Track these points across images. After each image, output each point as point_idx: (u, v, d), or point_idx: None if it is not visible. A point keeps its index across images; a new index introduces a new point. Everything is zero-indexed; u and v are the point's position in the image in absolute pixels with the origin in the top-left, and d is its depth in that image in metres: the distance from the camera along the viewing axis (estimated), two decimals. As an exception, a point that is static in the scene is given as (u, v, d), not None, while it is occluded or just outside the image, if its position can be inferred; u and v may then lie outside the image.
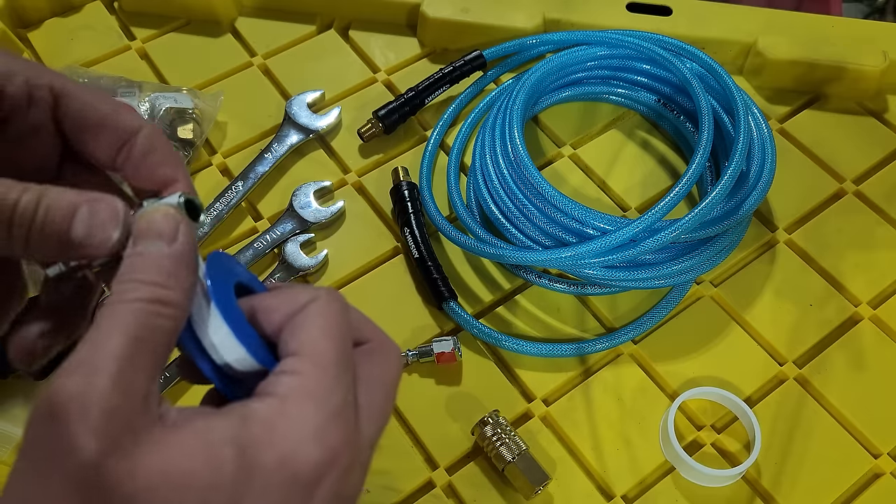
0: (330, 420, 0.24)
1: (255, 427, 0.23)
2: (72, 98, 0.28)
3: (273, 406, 0.24)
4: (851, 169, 0.57)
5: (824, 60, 0.59)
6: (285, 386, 0.24)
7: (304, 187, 0.55)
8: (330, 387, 0.24)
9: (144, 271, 0.24)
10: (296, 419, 0.23)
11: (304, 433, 0.23)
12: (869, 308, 0.51)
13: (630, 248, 0.46)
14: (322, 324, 0.26)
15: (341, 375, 0.25)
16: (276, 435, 0.23)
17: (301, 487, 0.23)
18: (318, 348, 0.25)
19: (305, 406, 0.24)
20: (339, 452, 0.24)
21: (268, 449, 0.23)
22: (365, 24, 0.65)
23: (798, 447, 0.46)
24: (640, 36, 0.57)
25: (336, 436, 0.24)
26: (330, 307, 0.26)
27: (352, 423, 0.25)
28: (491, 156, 0.52)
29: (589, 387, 0.48)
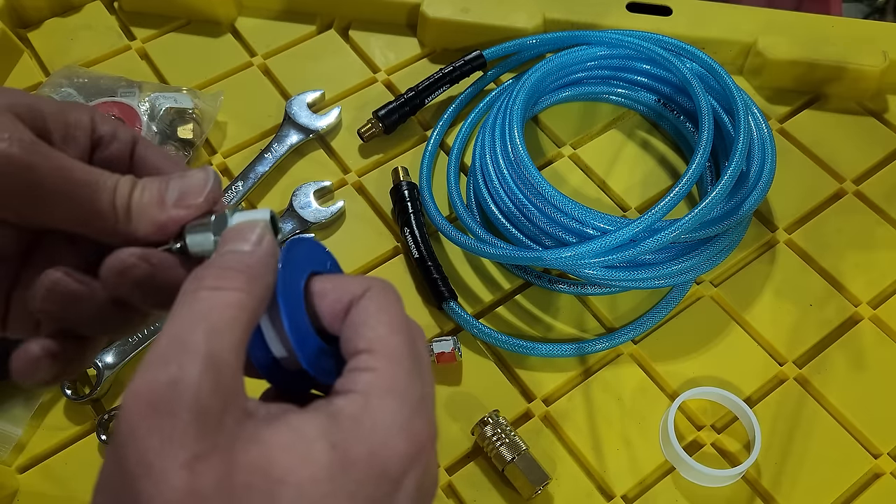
0: (413, 413, 0.25)
1: (343, 423, 0.24)
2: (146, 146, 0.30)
3: (357, 402, 0.24)
4: (851, 169, 0.57)
5: (824, 60, 0.59)
6: (364, 382, 0.25)
7: (304, 187, 0.55)
8: (407, 381, 0.25)
9: (227, 264, 0.25)
10: (382, 414, 0.24)
11: (392, 427, 0.24)
12: (869, 308, 0.51)
13: (630, 248, 0.46)
14: (387, 319, 0.26)
15: (414, 368, 0.26)
16: (365, 430, 0.24)
17: (390, 479, 0.24)
18: (389, 343, 0.25)
19: (389, 401, 0.24)
20: (423, 445, 0.25)
21: (358, 444, 0.23)
22: (365, 24, 0.65)
23: (798, 447, 0.46)
24: (640, 36, 0.57)
25: (420, 428, 0.25)
26: (388, 299, 0.27)
27: (429, 415, 0.26)
28: (491, 156, 0.52)
29: (589, 387, 0.48)
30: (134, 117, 0.55)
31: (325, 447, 0.23)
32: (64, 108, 0.28)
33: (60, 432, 0.47)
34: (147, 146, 0.30)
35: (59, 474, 0.45)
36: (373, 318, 0.26)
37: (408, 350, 0.26)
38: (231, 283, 0.24)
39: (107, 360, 0.48)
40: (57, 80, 0.58)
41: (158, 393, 0.22)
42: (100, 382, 0.47)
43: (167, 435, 0.21)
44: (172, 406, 0.21)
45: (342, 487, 0.23)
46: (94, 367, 0.47)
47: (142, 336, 0.49)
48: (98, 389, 0.47)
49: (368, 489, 0.23)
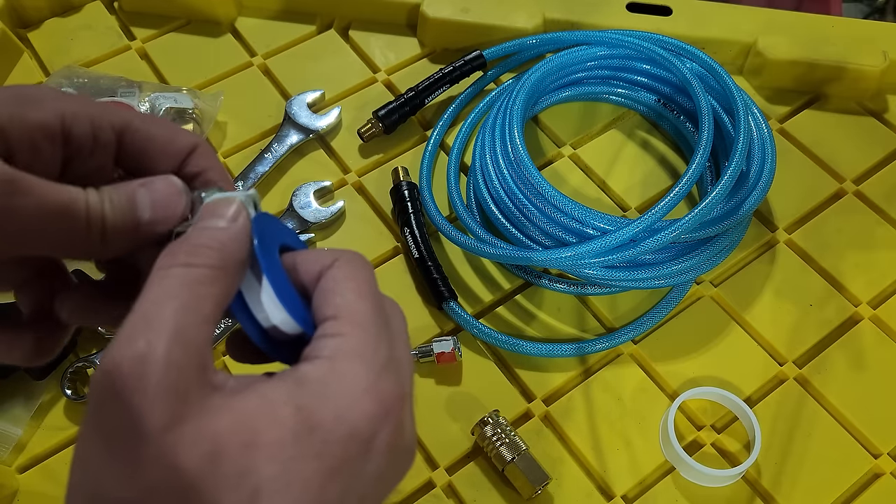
0: (380, 375, 0.25)
1: (309, 387, 0.24)
2: (134, 131, 0.29)
3: (323, 367, 0.24)
4: (851, 169, 0.57)
5: (824, 60, 0.59)
6: (331, 348, 0.25)
7: (304, 187, 0.55)
8: (374, 344, 0.25)
9: (200, 241, 0.25)
10: (347, 377, 0.24)
11: (357, 389, 0.24)
12: (869, 308, 0.51)
13: (630, 248, 0.46)
14: (353, 286, 0.26)
15: (381, 332, 0.26)
16: (331, 393, 0.24)
17: (359, 440, 0.24)
18: (355, 309, 0.26)
19: (354, 364, 0.25)
20: (391, 405, 0.25)
21: (324, 406, 0.24)
22: (365, 24, 0.65)
23: (798, 447, 0.46)
24: (640, 36, 0.57)
25: (388, 389, 0.25)
26: (355, 267, 0.27)
27: (398, 376, 0.26)
28: (491, 156, 0.52)
29: (589, 387, 0.48)
30: (134, 117, 0.55)
31: (291, 410, 0.23)
32: (24, 107, 0.26)
33: (60, 432, 0.47)
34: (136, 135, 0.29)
35: (59, 474, 0.45)
36: (340, 286, 0.26)
37: (374, 315, 0.26)
38: (203, 260, 0.24)
39: (107, 360, 0.48)
40: (57, 81, 0.58)
41: (126, 369, 0.22)
42: (100, 382, 0.47)
43: (135, 410, 0.21)
44: (139, 382, 0.22)
45: (309, 448, 0.23)
46: (94, 367, 0.47)
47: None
48: (98, 389, 0.47)
49: (337, 449, 0.23)
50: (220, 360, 0.48)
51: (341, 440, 0.24)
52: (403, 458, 0.27)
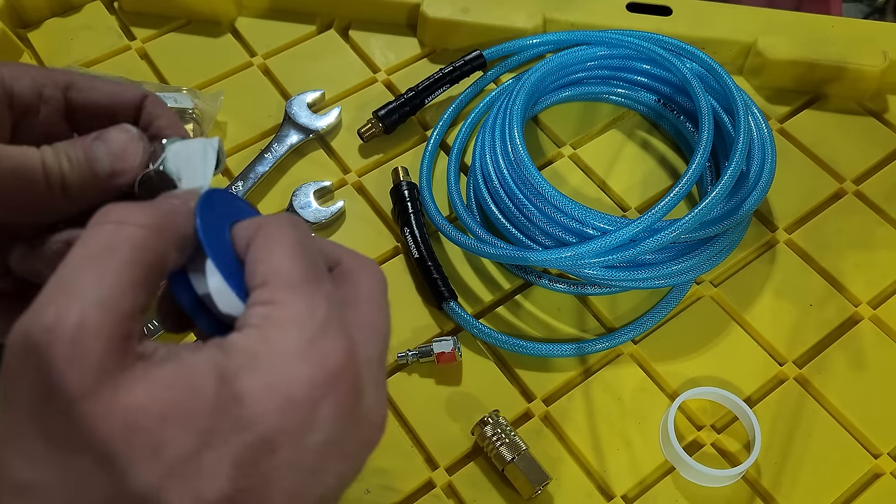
0: (317, 336, 0.23)
1: (235, 355, 0.22)
2: (79, 89, 0.28)
3: (252, 335, 0.23)
4: (851, 169, 0.57)
5: (824, 60, 0.59)
6: (259, 316, 0.23)
7: (304, 187, 0.55)
8: (307, 305, 0.23)
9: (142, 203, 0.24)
10: (277, 342, 0.22)
11: (289, 354, 0.22)
12: (869, 308, 0.51)
13: (630, 248, 0.46)
14: (278, 248, 0.24)
15: (316, 291, 0.24)
16: (260, 361, 0.22)
17: (299, 410, 0.22)
18: (283, 270, 0.24)
19: (286, 329, 0.23)
20: (337, 368, 0.23)
21: (251, 375, 0.22)
22: (365, 24, 0.65)
23: (798, 447, 0.46)
24: (640, 36, 0.57)
25: (329, 350, 0.23)
26: (281, 229, 0.25)
27: (345, 337, 0.23)
28: (491, 156, 0.52)
29: (589, 387, 0.48)
30: (134, 117, 0.55)
31: (212, 380, 0.21)
32: None
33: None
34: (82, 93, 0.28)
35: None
36: (263, 252, 0.25)
37: (307, 273, 0.24)
38: (138, 219, 0.23)
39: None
40: (57, 80, 0.58)
41: (35, 338, 0.20)
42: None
43: (45, 382, 0.20)
44: (48, 352, 0.20)
45: (233, 420, 0.21)
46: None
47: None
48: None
49: (269, 420, 0.21)
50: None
51: (274, 410, 0.21)
52: (365, 427, 0.24)
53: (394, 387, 0.48)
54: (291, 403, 0.22)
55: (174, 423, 0.21)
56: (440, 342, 0.47)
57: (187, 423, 0.21)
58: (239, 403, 0.21)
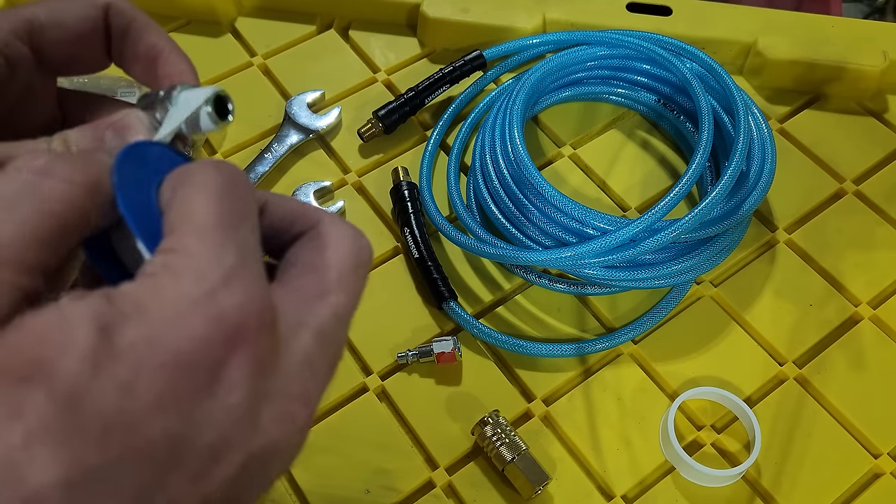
0: (217, 288, 0.20)
1: (120, 304, 0.19)
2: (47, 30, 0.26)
3: (144, 284, 0.20)
4: (851, 169, 0.57)
5: (824, 60, 0.59)
6: (157, 264, 0.20)
7: (304, 187, 0.55)
8: (213, 253, 0.20)
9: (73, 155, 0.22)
10: (170, 293, 0.19)
11: (181, 306, 0.19)
12: (869, 308, 0.51)
13: (630, 248, 0.46)
14: (197, 195, 0.21)
15: (228, 239, 0.21)
16: (146, 313, 0.19)
17: (192, 370, 0.19)
18: (194, 216, 0.21)
19: (182, 278, 0.20)
20: (238, 325, 0.20)
21: (132, 328, 0.19)
22: (365, 24, 0.65)
23: (798, 447, 0.46)
24: (640, 36, 0.57)
25: (229, 304, 0.20)
26: (205, 173, 0.22)
27: (256, 293, 0.20)
28: (491, 156, 0.52)
29: (589, 387, 0.48)
30: (134, 117, 0.55)
31: (90, 330, 0.18)
32: None
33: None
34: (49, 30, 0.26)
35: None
36: (179, 198, 0.22)
37: (218, 220, 0.21)
38: (66, 173, 0.20)
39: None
40: (57, 80, 0.58)
41: None
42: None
43: None
44: None
45: (111, 380, 0.18)
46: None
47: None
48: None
49: (154, 382, 0.18)
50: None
51: (159, 369, 0.19)
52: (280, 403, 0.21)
53: (394, 387, 0.48)
54: (182, 362, 0.19)
55: (37, 384, 0.17)
56: (440, 342, 0.47)
57: (53, 384, 0.18)
58: (117, 359, 0.18)
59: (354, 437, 0.46)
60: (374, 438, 0.46)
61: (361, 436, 0.46)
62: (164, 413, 0.19)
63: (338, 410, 0.47)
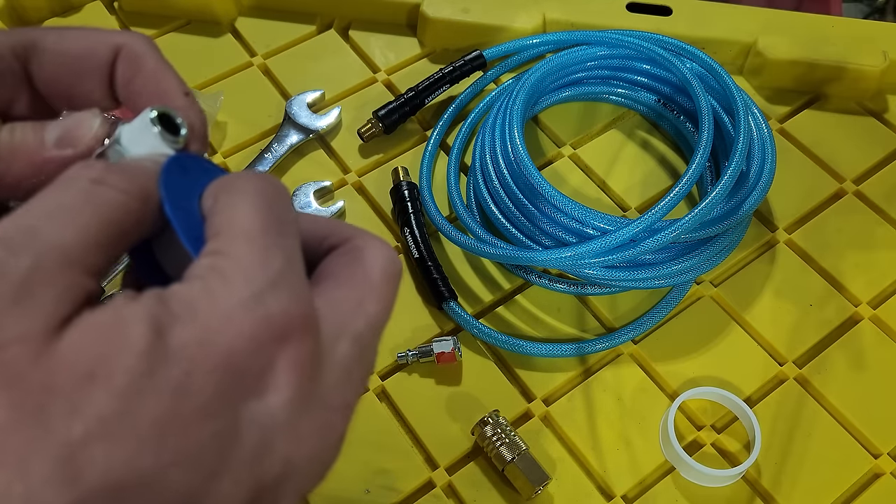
0: (265, 291, 0.20)
1: (173, 305, 0.19)
2: (42, 54, 0.26)
3: (194, 285, 0.20)
4: (851, 169, 0.57)
5: (824, 60, 0.59)
6: (205, 266, 0.20)
7: (304, 187, 0.55)
8: (260, 256, 0.21)
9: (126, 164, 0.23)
10: (220, 294, 0.20)
11: (230, 307, 0.20)
12: (869, 308, 0.51)
13: (630, 248, 0.46)
14: (240, 201, 0.22)
15: (274, 244, 0.21)
16: (198, 313, 0.19)
17: (237, 371, 0.19)
18: (238, 220, 0.21)
19: (231, 280, 0.20)
20: (285, 327, 0.20)
21: (185, 328, 0.19)
22: (365, 24, 0.65)
23: (798, 447, 0.46)
24: (640, 36, 0.57)
25: (276, 308, 0.20)
26: (247, 181, 0.23)
27: (301, 300, 0.21)
28: (491, 156, 0.52)
29: (589, 387, 0.48)
30: (134, 117, 0.55)
31: (146, 330, 0.18)
32: None
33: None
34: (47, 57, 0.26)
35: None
36: (223, 204, 0.22)
37: (263, 225, 0.21)
38: (119, 183, 0.21)
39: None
40: (57, 80, 0.58)
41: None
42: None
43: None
44: None
45: (166, 380, 0.18)
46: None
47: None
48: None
49: (207, 384, 0.19)
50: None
51: (211, 370, 0.19)
52: (321, 410, 0.21)
53: (394, 387, 0.48)
54: (231, 363, 0.19)
55: (97, 383, 0.18)
56: (440, 342, 0.47)
57: (112, 382, 0.18)
58: (170, 360, 0.19)
59: (354, 437, 0.46)
60: (374, 438, 0.46)
61: (361, 436, 0.46)
62: (215, 415, 0.19)
63: (338, 410, 0.47)
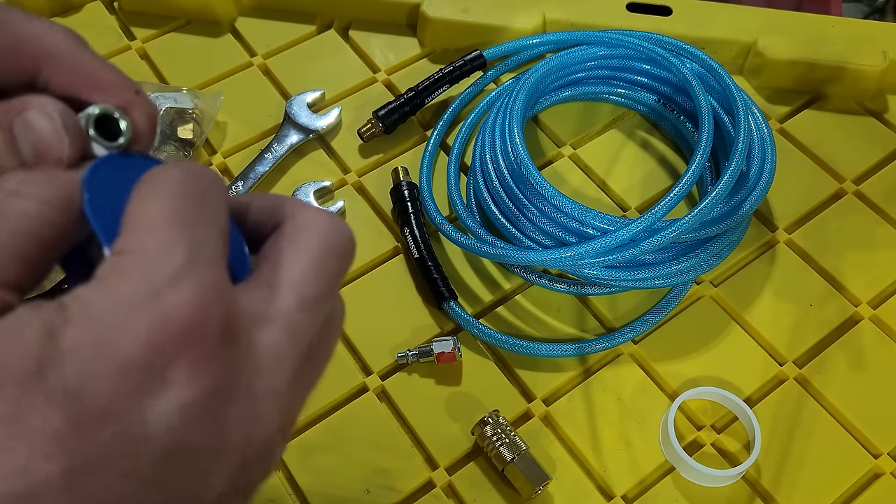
0: (163, 287, 0.19)
1: (70, 307, 0.19)
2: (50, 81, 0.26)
3: (93, 286, 0.19)
4: (851, 169, 0.57)
5: (824, 60, 0.59)
6: (108, 265, 0.20)
7: (304, 187, 0.55)
8: (162, 251, 0.19)
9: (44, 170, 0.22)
10: (116, 293, 0.19)
11: (125, 305, 0.19)
12: (869, 308, 0.51)
13: (630, 248, 0.46)
14: (154, 190, 0.21)
15: (179, 236, 0.20)
16: (92, 314, 0.19)
17: (136, 372, 0.18)
18: (147, 214, 0.20)
19: (131, 276, 0.19)
20: (185, 326, 0.19)
21: (77, 330, 0.18)
22: (365, 24, 0.65)
23: (798, 447, 0.46)
24: (640, 36, 0.57)
25: (175, 303, 0.19)
26: (166, 171, 0.21)
27: (211, 286, 0.20)
28: (491, 156, 0.52)
29: (589, 387, 0.48)
30: (134, 117, 0.55)
31: (38, 334, 0.18)
32: None
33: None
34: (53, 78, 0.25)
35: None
36: (133, 198, 0.21)
37: (172, 214, 0.20)
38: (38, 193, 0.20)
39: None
40: (57, 80, 0.58)
41: None
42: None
43: None
44: None
45: (56, 381, 0.18)
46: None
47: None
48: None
49: (100, 386, 0.18)
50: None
51: (106, 372, 0.18)
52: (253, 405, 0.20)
53: (394, 387, 0.48)
54: (127, 365, 0.18)
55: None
56: (440, 342, 0.47)
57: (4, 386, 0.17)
58: (63, 364, 0.18)
59: (354, 437, 0.46)
60: (374, 438, 0.46)
61: (361, 436, 0.46)
62: (115, 416, 0.18)
63: (338, 410, 0.47)
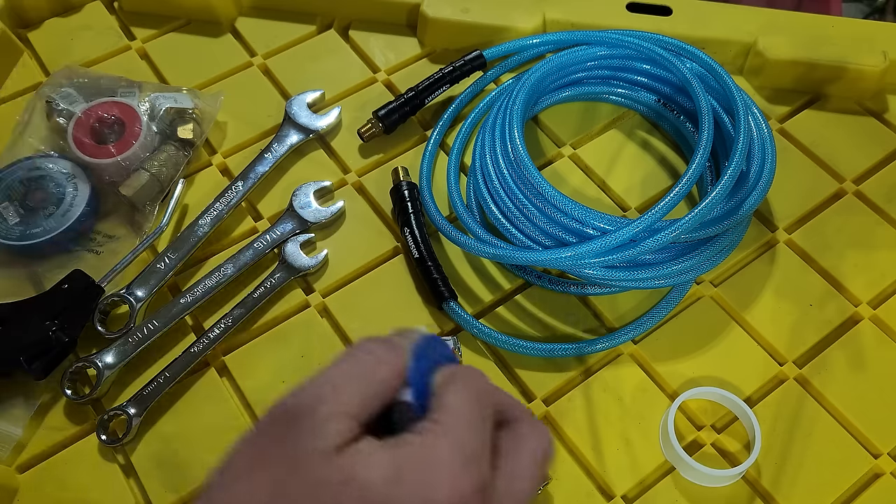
0: (466, 464, 0.27)
1: (404, 447, 0.28)
2: None
3: (417, 439, 0.28)
4: (851, 169, 0.57)
5: (824, 60, 0.59)
6: (427, 429, 0.28)
7: (304, 187, 0.55)
8: (464, 435, 0.28)
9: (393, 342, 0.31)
10: (439, 449, 0.28)
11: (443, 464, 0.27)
12: (869, 308, 0.51)
13: (630, 248, 0.46)
14: (459, 388, 0.30)
15: (475, 431, 0.29)
16: (421, 456, 0.27)
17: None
18: (455, 405, 0.29)
19: (442, 443, 0.28)
20: (478, 487, 0.27)
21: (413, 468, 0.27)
22: (365, 24, 0.65)
23: (798, 447, 0.46)
24: (640, 36, 0.57)
25: (469, 480, 0.27)
26: (466, 379, 0.31)
27: (483, 474, 0.28)
28: (491, 156, 0.52)
29: (589, 387, 0.48)
30: (134, 117, 0.55)
31: (387, 459, 0.27)
32: None
33: (60, 432, 0.47)
34: None
35: (59, 474, 0.45)
36: (450, 388, 0.30)
37: (471, 415, 0.29)
38: (386, 358, 0.30)
39: (107, 361, 0.48)
40: (57, 80, 0.58)
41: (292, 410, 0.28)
42: (99, 383, 0.47)
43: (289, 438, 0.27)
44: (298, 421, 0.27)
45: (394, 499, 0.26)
46: (94, 368, 0.47)
47: (141, 336, 0.49)
48: (98, 390, 0.47)
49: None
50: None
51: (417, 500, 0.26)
52: None
53: (394, 387, 0.48)
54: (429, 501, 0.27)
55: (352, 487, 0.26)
56: (440, 342, 0.47)
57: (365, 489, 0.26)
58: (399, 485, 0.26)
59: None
60: (374, 438, 0.46)
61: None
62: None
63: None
